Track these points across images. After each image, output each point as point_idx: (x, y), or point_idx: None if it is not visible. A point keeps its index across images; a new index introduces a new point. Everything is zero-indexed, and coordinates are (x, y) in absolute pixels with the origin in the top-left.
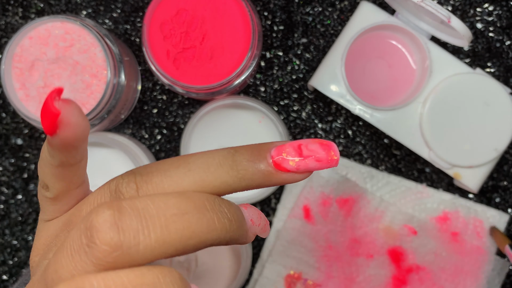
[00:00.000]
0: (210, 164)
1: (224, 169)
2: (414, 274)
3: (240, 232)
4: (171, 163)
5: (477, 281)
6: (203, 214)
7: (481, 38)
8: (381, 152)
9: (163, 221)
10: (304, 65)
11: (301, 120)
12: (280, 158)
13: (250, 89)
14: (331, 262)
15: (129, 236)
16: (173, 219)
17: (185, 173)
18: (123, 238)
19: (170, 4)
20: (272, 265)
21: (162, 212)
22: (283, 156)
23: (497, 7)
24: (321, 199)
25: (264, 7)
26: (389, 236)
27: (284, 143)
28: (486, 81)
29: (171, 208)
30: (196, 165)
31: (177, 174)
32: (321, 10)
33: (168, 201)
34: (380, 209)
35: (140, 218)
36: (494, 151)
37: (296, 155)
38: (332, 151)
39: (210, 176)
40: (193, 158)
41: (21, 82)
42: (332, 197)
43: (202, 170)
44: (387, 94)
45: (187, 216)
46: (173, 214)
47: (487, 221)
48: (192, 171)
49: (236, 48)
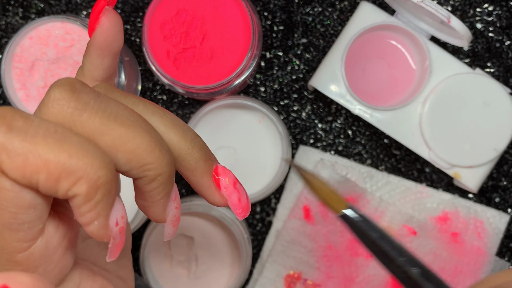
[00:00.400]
0: (179, 123)
1: (185, 136)
2: None
3: (170, 177)
4: (149, 103)
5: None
6: (149, 135)
7: (481, 38)
8: (381, 152)
9: (113, 111)
10: (304, 65)
11: (301, 120)
12: (221, 172)
13: (250, 89)
14: (331, 262)
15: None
16: (122, 119)
17: (155, 111)
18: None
19: (170, 4)
20: (272, 265)
21: (118, 108)
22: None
23: (497, 7)
24: None
25: (264, 7)
26: None
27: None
28: (485, 81)
29: (125, 111)
30: (170, 115)
31: (145, 108)
32: (321, 10)
33: (125, 108)
34: (379, 209)
35: (96, 99)
36: (493, 151)
37: (230, 184)
38: (241, 211)
39: (172, 130)
40: (172, 115)
41: (21, 82)
42: None
43: (171, 121)
44: (387, 94)
45: (135, 125)
46: (125, 116)
47: (488, 221)
48: (163, 116)
49: (236, 48)
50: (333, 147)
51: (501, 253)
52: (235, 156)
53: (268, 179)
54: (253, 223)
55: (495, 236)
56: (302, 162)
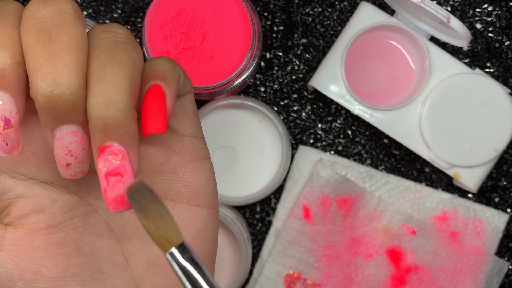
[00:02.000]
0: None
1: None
2: (413, 273)
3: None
4: None
5: (476, 281)
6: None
7: (481, 39)
8: (381, 152)
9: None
10: (304, 66)
11: (301, 120)
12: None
13: (250, 89)
14: (331, 262)
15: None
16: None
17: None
18: None
19: (170, 4)
20: (271, 265)
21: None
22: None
23: (497, 7)
24: (320, 199)
25: (264, 8)
26: (388, 236)
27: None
28: (485, 81)
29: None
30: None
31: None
32: (321, 10)
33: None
34: (379, 209)
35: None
36: (493, 151)
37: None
38: (107, 202)
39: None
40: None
41: None
42: (331, 197)
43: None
44: (387, 94)
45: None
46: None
47: (487, 220)
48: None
49: (236, 48)
50: (333, 147)
51: (501, 253)
52: (235, 156)
53: (268, 179)
54: (253, 223)
55: (494, 236)
56: (301, 162)
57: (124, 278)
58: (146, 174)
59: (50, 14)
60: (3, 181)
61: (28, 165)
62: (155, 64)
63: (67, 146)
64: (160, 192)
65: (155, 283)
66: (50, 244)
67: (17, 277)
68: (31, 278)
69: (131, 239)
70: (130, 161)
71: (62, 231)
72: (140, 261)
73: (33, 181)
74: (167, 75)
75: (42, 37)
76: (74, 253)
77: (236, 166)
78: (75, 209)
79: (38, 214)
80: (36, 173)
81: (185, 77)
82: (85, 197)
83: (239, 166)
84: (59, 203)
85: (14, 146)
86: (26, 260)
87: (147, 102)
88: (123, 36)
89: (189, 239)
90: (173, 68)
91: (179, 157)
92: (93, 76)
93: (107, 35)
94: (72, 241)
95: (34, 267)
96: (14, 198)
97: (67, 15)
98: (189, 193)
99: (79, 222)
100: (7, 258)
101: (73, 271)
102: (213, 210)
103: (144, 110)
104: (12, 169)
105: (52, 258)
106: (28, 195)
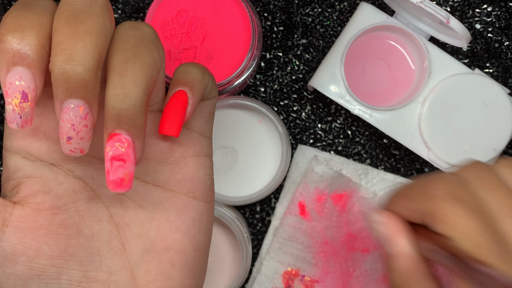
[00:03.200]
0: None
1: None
2: None
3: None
4: None
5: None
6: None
7: (480, 39)
8: (380, 152)
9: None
10: (304, 66)
11: (300, 120)
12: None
13: (250, 90)
14: (328, 258)
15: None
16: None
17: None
18: None
19: (170, 5)
20: (269, 262)
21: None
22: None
23: (496, 7)
24: (315, 195)
25: (264, 8)
26: None
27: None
28: (484, 81)
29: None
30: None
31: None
32: (321, 11)
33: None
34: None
35: None
36: (493, 151)
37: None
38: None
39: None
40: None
41: None
42: (326, 193)
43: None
44: (386, 94)
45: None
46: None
47: None
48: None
49: (236, 48)
50: (333, 147)
51: None
52: (235, 156)
53: (268, 179)
54: (253, 222)
55: None
56: (300, 161)
57: (119, 262)
58: (150, 162)
59: (82, 3)
60: (15, 161)
61: (40, 147)
62: (187, 71)
63: (71, 120)
64: (161, 181)
65: (149, 269)
66: (53, 224)
67: (20, 252)
68: (33, 254)
69: (130, 226)
70: (134, 150)
71: (65, 213)
72: (136, 247)
73: (42, 163)
74: (195, 84)
75: (70, 19)
76: (74, 235)
77: (236, 166)
78: (79, 193)
79: (45, 194)
80: (46, 155)
81: (213, 85)
82: (89, 183)
83: (239, 166)
84: (64, 186)
85: (27, 121)
86: (30, 237)
87: (170, 105)
88: (149, 35)
89: (184, 228)
90: (202, 77)
91: (182, 149)
92: (115, 69)
93: (135, 32)
94: (74, 223)
95: (36, 244)
96: (23, 178)
97: (96, 5)
98: (188, 185)
99: (82, 205)
100: (12, 234)
101: (72, 251)
102: (209, 205)
103: (165, 111)
104: (25, 149)
105: (54, 237)
106: (37, 175)
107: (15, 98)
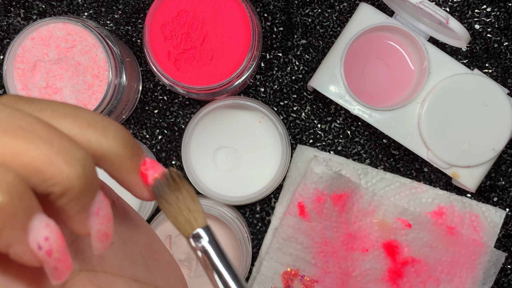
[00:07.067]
0: (97, 121)
1: (106, 133)
2: (410, 266)
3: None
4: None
5: (473, 272)
6: (49, 145)
7: (479, 39)
8: (380, 152)
9: (3, 122)
10: (304, 66)
11: (300, 120)
12: (149, 166)
13: (250, 90)
14: (327, 258)
15: None
16: (13, 129)
17: (67, 114)
18: None
19: (171, 5)
20: (269, 263)
21: (12, 118)
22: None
23: (495, 8)
24: (315, 196)
25: (264, 9)
26: (384, 230)
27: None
28: (484, 81)
29: (22, 121)
30: (86, 114)
31: (54, 112)
32: (321, 11)
33: (23, 118)
34: (373, 203)
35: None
36: (492, 151)
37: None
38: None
39: (88, 130)
40: (88, 113)
41: (23, 82)
42: (326, 193)
43: (85, 121)
44: (386, 94)
45: (29, 136)
46: (18, 126)
47: (483, 215)
48: (76, 118)
49: (236, 49)
50: (332, 147)
51: (498, 244)
52: (235, 156)
53: (268, 179)
54: (253, 222)
55: (491, 230)
56: (299, 160)
57: None
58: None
59: None
60: None
61: None
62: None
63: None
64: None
65: None
66: None
67: None
68: None
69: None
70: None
71: None
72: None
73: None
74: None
75: None
76: None
77: (236, 166)
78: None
79: None
80: None
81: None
82: None
83: (239, 166)
84: None
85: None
86: None
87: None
88: None
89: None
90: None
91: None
92: None
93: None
94: None
95: None
96: None
97: None
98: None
99: None
100: None
101: None
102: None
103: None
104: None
105: None
106: None
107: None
